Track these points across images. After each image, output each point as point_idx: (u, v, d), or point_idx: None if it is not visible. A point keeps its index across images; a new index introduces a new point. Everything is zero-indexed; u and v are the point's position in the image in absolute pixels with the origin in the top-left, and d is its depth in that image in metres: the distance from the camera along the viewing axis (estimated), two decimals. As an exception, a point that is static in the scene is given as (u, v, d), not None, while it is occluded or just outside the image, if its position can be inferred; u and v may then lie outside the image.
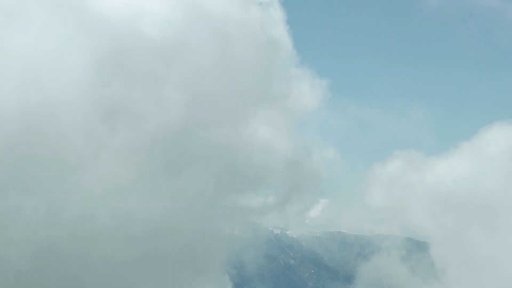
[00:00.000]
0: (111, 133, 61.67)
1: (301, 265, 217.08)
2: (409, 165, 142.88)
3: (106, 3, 64.66)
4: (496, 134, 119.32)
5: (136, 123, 62.80)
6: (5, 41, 59.06)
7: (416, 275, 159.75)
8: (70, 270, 56.98)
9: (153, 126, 63.32)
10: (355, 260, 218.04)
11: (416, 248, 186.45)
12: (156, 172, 65.09)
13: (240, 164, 72.09)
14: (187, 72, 65.29)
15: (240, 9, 71.45)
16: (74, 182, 59.36)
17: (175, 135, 65.43)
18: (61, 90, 59.25)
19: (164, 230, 63.88)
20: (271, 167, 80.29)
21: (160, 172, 65.45)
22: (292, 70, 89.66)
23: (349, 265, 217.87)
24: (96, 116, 60.76)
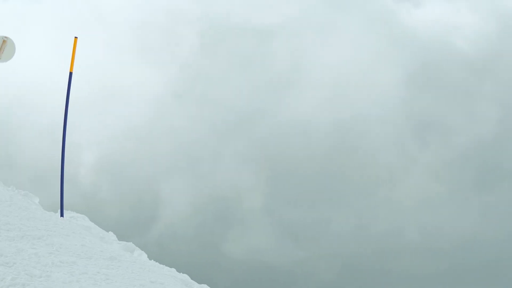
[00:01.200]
0: (422, 147, 60.95)
1: None
2: None
3: (417, 18, 64.17)
4: None
5: (447, 137, 61.40)
6: (318, 55, 61.12)
7: None
8: (375, 284, 57.22)
9: (464, 140, 61.43)
10: None
11: None
12: (467, 186, 63.07)
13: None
14: (500, 85, 62.42)
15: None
16: (384, 196, 59.55)
17: (486, 149, 62.88)
18: (373, 104, 59.87)
19: (473, 245, 61.62)
20: None
21: (470, 187, 63.33)
22: None
23: None
24: (407, 130, 60.47)
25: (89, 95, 58.22)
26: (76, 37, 12.41)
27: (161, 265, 10.28)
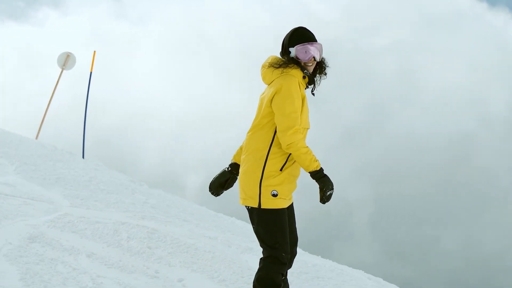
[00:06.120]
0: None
1: None
2: None
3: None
4: None
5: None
6: (430, 75, 61.55)
7: None
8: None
9: None
10: None
11: None
12: None
13: None
14: None
15: None
16: (493, 217, 58.80)
17: None
18: (482, 124, 59.61)
19: None
20: None
21: None
22: None
23: None
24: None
25: (197, 119, 60.93)
26: (94, 51, 16.76)
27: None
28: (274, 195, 5.18)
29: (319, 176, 5.16)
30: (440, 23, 67.80)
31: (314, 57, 5.29)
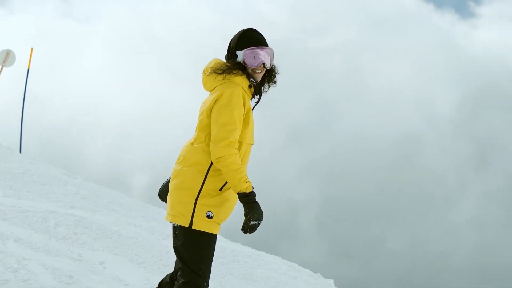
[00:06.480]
0: (479, 168, 61.10)
1: None
2: None
3: (475, 38, 64.99)
4: None
5: (504, 160, 61.39)
6: (376, 75, 62.50)
7: None
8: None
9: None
10: None
11: None
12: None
13: None
14: None
15: None
16: (438, 217, 59.89)
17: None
18: (428, 124, 60.68)
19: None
20: None
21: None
22: None
23: None
24: (464, 150, 60.88)
25: (144, 118, 60.95)
26: (32, 48, 17.34)
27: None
28: (209, 217, 4.61)
29: (247, 200, 4.55)
30: (387, 23, 69.01)
31: (264, 64, 4.70)
